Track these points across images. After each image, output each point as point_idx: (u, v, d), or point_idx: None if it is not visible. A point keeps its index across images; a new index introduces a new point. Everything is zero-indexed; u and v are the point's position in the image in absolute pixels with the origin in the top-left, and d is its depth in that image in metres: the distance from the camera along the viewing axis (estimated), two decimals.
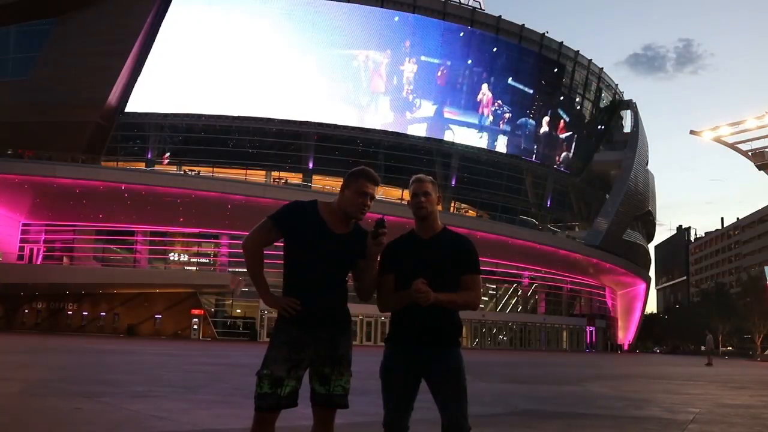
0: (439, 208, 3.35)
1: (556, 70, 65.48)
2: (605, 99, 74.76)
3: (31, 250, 51.10)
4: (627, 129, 77.36)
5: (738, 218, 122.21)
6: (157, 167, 54.31)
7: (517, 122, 63.76)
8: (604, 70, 72.80)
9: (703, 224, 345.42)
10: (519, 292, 63.85)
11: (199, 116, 54.06)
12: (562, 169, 68.53)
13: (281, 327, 3.23)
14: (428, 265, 3.29)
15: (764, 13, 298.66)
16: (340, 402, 3.20)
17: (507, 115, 62.77)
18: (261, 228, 3.29)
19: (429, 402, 3.41)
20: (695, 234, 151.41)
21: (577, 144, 69.88)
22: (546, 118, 65.73)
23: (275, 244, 3.34)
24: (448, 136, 59.76)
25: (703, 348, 46.72)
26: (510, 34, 62.11)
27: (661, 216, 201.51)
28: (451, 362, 3.30)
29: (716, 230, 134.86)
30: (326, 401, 3.19)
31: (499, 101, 61.95)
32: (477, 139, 61.22)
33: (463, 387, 3.31)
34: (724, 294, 74.41)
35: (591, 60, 69.73)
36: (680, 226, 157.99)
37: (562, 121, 67.42)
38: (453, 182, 59.48)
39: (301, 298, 3.20)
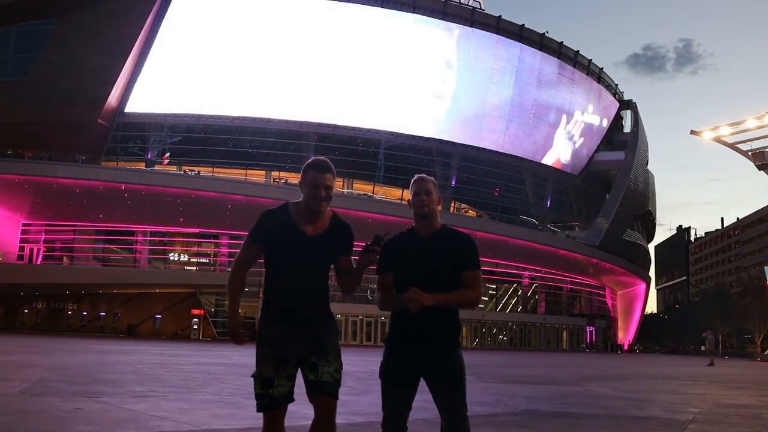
0: (439, 207, 3.34)
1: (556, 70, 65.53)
2: (605, 99, 74.76)
3: (31, 250, 51.06)
4: (627, 129, 77.45)
5: (738, 218, 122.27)
6: (157, 167, 54.31)
7: (518, 123, 63.76)
8: (604, 70, 72.86)
9: (703, 224, 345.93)
10: (519, 292, 63.85)
11: (199, 116, 54.03)
12: (561, 168, 68.54)
13: (263, 327, 3.32)
14: (428, 262, 3.31)
15: (764, 13, 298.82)
16: (327, 389, 3.20)
17: (508, 116, 62.82)
18: (242, 248, 3.38)
19: (429, 402, 3.41)
20: (695, 234, 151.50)
21: (577, 144, 69.89)
22: (547, 118, 65.77)
23: None
24: (450, 136, 59.71)
25: (703, 348, 46.73)
26: (510, 34, 62.13)
27: (661, 216, 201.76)
28: (451, 362, 3.31)
29: (716, 230, 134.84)
30: (315, 387, 3.21)
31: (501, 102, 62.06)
32: (479, 140, 61.22)
33: (462, 387, 3.31)
34: (724, 294, 74.29)
35: (591, 60, 69.78)
36: (680, 226, 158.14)
37: (562, 120, 67.43)
38: (453, 182, 59.48)
39: (278, 300, 3.28)
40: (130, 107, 53.09)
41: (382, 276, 3.39)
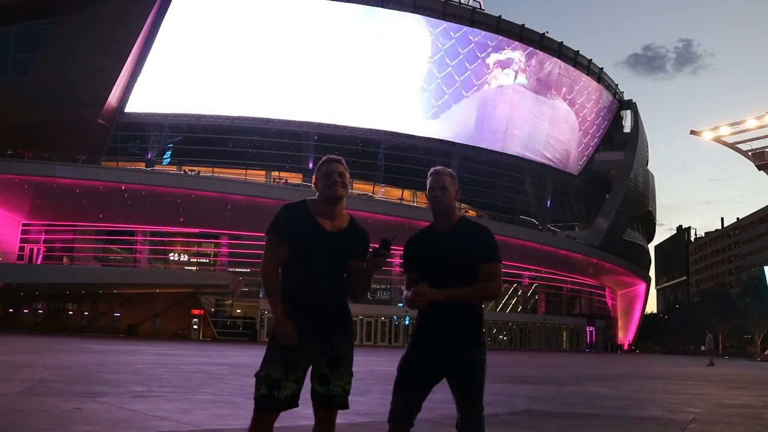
0: (465, 210, 3.38)
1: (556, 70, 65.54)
2: (605, 99, 74.75)
3: (31, 250, 51.08)
4: (627, 129, 77.45)
5: (738, 218, 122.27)
6: (157, 167, 54.31)
7: (517, 123, 63.76)
8: (604, 70, 72.83)
9: (703, 224, 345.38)
10: (519, 292, 63.82)
11: (199, 116, 54.02)
12: (561, 168, 68.52)
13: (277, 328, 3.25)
14: (444, 258, 3.28)
15: (764, 13, 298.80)
16: (339, 403, 3.19)
17: (507, 116, 62.84)
18: (269, 247, 3.26)
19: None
20: (695, 234, 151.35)
21: (577, 144, 69.90)
22: (546, 118, 65.77)
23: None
24: (451, 136, 59.68)
25: (703, 348, 46.67)
26: (510, 34, 62.13)
27: (661, 216, 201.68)
28: (470, 362, 3.28)
29: (716, 230, 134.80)
30: (325, 401, 3.18)
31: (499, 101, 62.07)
32: (476, 139, 61.21)
33: (480, 389, 3.29)
34: (724, 294, 74.37)
35: (591, 60, 69.77)
36: (680, 226, 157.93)
37: (561, 120, 67.44)
38: None
39: (296, 298, 3.20)
40: (130, 107, 53.10)
41: (408, 275, 3.38)
